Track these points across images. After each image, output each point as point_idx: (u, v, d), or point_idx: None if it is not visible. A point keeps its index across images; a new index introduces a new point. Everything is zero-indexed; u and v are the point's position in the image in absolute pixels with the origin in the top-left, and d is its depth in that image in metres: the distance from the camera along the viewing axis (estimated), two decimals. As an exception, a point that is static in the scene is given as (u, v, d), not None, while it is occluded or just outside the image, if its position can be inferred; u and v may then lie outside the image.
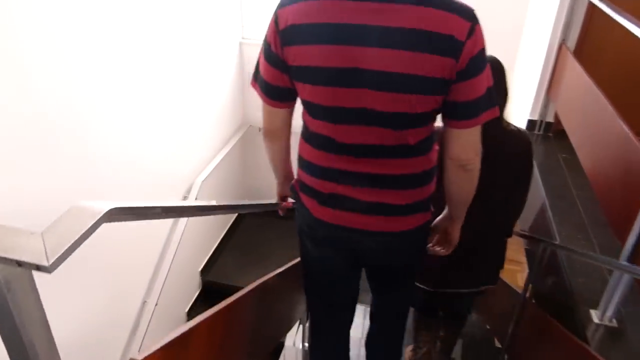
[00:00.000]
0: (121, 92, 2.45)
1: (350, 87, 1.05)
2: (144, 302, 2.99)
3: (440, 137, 1.18)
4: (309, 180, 1.27)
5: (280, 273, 1.98)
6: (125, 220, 0.75)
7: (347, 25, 1.00)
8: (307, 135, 1.25)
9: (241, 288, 3.56)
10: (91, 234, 0.61)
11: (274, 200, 1.66)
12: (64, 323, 2.19)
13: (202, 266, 3.91)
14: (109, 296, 2.61)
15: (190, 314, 3.71)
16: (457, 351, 2.79)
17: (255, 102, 1.15)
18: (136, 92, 2.59)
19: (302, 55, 1.07)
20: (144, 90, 2.68)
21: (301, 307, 2.42)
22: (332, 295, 1.52)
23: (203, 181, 3.49)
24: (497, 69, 1.47)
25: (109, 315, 2.64)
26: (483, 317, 3.00)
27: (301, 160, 1.30)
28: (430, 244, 1.44)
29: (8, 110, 1.75)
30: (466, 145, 1.12)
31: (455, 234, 1.40)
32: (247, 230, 4.55)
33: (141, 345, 2.88)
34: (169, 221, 3.22)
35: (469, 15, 0.99)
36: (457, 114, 1.08)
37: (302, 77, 1.11)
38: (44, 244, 0.55)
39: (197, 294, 3.85)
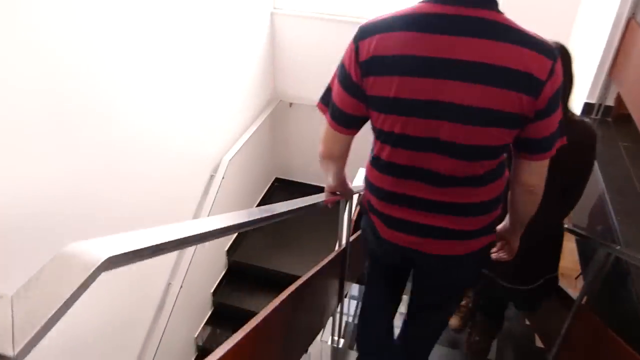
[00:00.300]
0: (146, 68, 2.28)
1: (427, 119, 1.08)
2: (169, 284, 2.92)
3: (509, 161, 1.22)
4: (376, 202, 1.33)
5: (317, 272, 1.83)
6: (126, 264, 0.59)
7: (428, 58, 1.02)
8: (376, 161, 1.27)
9: (267, 269, 3.49)
10: (79, 296, 0.45)
11: (304, 179, 1.58)
12: (87, 307, 2.11)
13: (228, 246, 3.81)
14: (133, 280, 2.53)
15: (216, 295, 3.64)
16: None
17: (287, 75, 1.03)
18: (162, 67, 2.43)
19: (381, 85, 1.09)
20: (170, 66, 2.51)
21: (333, 303, 2.28)
22: (388, 287, 1.63)
23: (230, 160, 3.35)
24: (565, 56, 1.42)
25: (133, 298, 2.57)
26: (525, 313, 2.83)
27: (368, 183, 1.35)
28: (494, 252, 1.50)
29: (30, 90, 1.61)
30: (535, 173, 1.18)
31: (515, 243, 1.46)
32: (275, 208, 4.43)
33: (165, 327, 2.82)
34: (195, 200, 3.11)
35: (550, 54, 1.01)
36: (531, 149, 1.13)
37: (379, 106, 1.13)
38: (12, 318, 0.39)
39: (222, 274, 3.76)
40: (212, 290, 3.62)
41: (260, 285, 3.72)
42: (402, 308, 1.83)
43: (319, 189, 1.62)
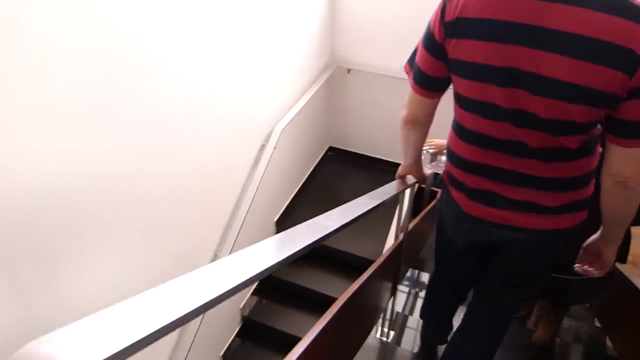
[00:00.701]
0: (195, 29, 2.12)
1: (507, 87, 1.02)
2: (215, 256, 2.85)
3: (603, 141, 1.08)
4: (459, 174, 1.27)
5: (378, 267, 1.68)
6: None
7: (515, 24, 0.96)
8: (458, 130, 1.22)
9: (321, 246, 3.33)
10: None
11: (359, 149, 1.47)
12: (127, 282, 2.07)
13: (277, 217, 3.71)
14: (178, 253, 2.46)
15: (263, 265, 3.56)
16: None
17: (346, 39, 0.92)
18: (211, 29, 2.25)
19: (464, 49, 1.05)
20: (220, 28, 2.33)
21: (387, 296, 2.12)
22: (455, 274, 1.60)
23: (283, 129, 3.18)
24: None
25: (177, 272, 2.50)
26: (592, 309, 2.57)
27: (451, 154, 1.29)
28: (579, 264, 1.34)
29: (69, 60, 1.48)
30: (629, 162, 1.03)
31: (610, 256, 1.27)
32: (325, 180, 4.26)
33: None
34: (245, 169, 2.99)
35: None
36: (624, 132, 1.00)
37: (460, 70, 1.09)
38: None
39: (271, 245, 3.67)
40: (259, 261, 3.54)
41: (308, 260, 3.62)
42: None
43: (374, 161, 1.58)
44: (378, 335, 2.21)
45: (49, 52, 1.40)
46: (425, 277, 3.13)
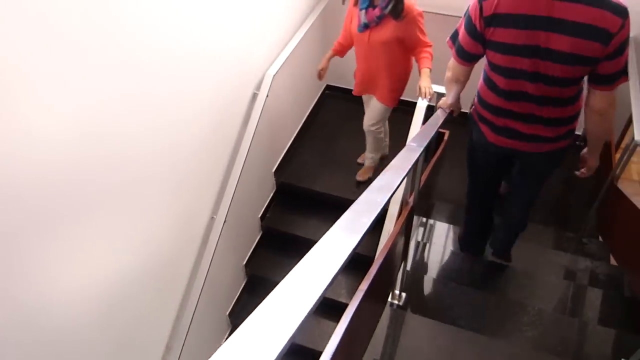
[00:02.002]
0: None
1: (531, 58, 1.62)
2: (212, 218, 2.69)
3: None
4: (486, 114, 1.92)
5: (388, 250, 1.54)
6: None
7: (533, 16, 1.53)
8: (488, 83, 1.84)
9: (316, 192, 3.36)
10: None
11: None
12: (130, 247, 1.97)
13: (275, 167, 3.51)
14: (174, 216, 2.30)
15: (264, 218, 3.43)
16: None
17: None
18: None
19: (500, 34, 1.64)
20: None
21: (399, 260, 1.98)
22: (486, 180, 2.30)
23: (275, 74, 2.90)
24: None
25: (174, 238, 2.36)
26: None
27: (480, 99, 1.93)
28: (579, 171, 2.03)
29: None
30: (602, 100, 1.67)
31: (593, 162, 1.96)
32: (324, 123, 4.02)
33: (211, 260, 2.64)
34: (237, 121, 2.75)
35: (622, 14, 1.45)
36: (599, 81, 1.63)
37: (496, 48, 1.69)
38: None
39: (270, 196, 3.51)
40: (259, 215, 3.40)
41: (309, 207, 3.47)
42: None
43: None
44: (389, 299, 2.09)
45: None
46: (437, 225, 2.99)
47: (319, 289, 0.68)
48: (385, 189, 1.03)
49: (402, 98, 2.94)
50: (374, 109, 2.98)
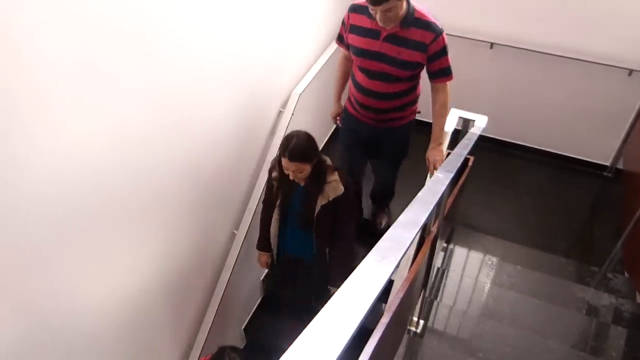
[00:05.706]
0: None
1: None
2: (233, 233, 2.71)
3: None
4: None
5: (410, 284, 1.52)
6: None
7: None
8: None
9: None
10: None
11: None
12: (152, 261, 2.01)
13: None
14: (195, 231, 2.32)
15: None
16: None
17: None
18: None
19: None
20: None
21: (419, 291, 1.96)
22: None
23: (301, 93, 2.93)
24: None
25: (195, 251, 2.38)
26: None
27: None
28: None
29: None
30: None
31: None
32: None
33: (230, 275, 2.66)
34: (261, 139, 2.79)
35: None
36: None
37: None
38: None
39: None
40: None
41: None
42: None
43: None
44: (407, 326, 2.08)
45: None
46: (457, 250, 2.96)
47: (348, 331, 0.69)
48: (412, 225, 1.03)
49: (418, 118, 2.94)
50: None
